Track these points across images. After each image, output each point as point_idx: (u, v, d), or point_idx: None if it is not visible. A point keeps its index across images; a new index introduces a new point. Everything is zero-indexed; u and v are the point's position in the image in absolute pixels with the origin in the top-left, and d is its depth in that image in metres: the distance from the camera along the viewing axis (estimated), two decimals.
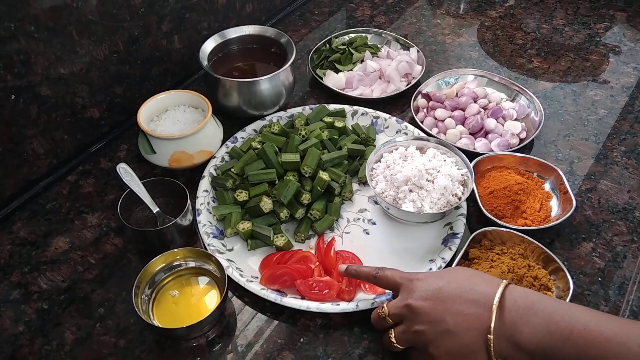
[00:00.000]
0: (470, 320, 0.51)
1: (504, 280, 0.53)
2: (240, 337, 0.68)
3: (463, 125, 0.94)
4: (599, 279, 0.74)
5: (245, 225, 0.77)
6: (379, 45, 1.13)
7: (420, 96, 1.00)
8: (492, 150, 0.89)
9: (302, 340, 0.68)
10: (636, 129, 0.96)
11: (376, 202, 0.84)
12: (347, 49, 1.10)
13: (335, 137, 0.89)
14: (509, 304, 0.50)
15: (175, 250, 0.71)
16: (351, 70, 1.07)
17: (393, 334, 0.59)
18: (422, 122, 0.95)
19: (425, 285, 0.56)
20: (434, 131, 0.93)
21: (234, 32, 0.98)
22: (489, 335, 0.49)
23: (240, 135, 0.92)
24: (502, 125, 0.93)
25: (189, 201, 0.76)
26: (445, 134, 0.93)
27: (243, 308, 0.71)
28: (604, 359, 0.45)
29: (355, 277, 0.67)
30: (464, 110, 0.96)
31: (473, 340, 0.50)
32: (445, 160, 0.81)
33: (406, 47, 1.12)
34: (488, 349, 0.50)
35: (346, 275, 0.68)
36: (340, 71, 1.06)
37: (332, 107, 0.96)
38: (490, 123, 0.92)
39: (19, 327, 0.69)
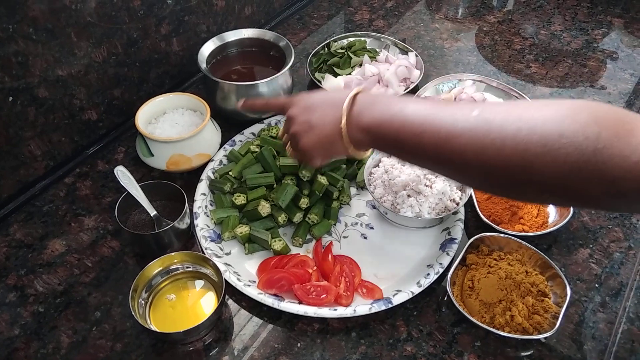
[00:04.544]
0: (328, 116, 0.63)
1: (356, 89, 0.63)
2: (237, 342, 0.68)
3: None
4: (596, 285, 0.74)
5: (243, 229, 0.77)
6: (377, 50, 1.14)
7: None
8: None
9: (299, 345, 0.68)
10: None
11: (374, 207, 0.84)
12: (345, 53, 1.10)
13: None
14: (357, 101, 0.61)
15: (173, 253, 0.71)
16: (350, 74, 1.07)
17: (288, 145, 0.73)
18: None
19: (300, 100, 0.68)
20: None
21: (232, 35, 0.98)
22: (341, 124, 0.60)
23: (239, 138, 0.92)
24: None
25: (186, 204, 0.76)
26: None
27: (240, 312, 0.71)
28: (418, 127, 0.55)
29: (251, 107, 0.80)
30: None
31: (331, 132, 0.62)
32: None
33: (405, 52, 1.12)
34: (342, 136, 0.61)
35: (243, 109, 0.79)
36: (339, 75, 1.06)
37: None
38: None
39: (14, 330, 0.69)
